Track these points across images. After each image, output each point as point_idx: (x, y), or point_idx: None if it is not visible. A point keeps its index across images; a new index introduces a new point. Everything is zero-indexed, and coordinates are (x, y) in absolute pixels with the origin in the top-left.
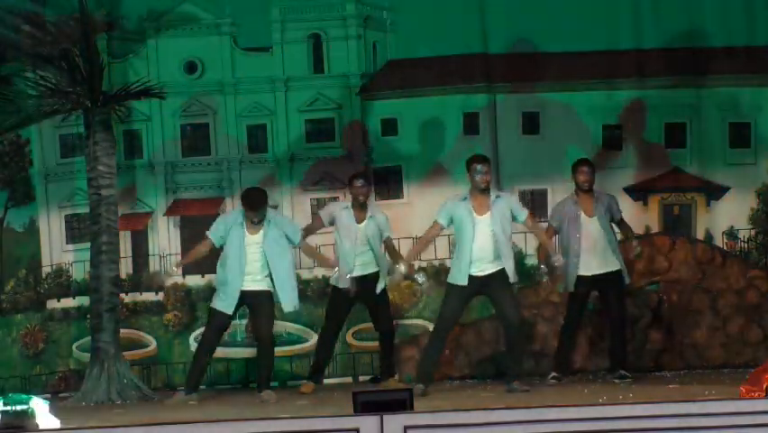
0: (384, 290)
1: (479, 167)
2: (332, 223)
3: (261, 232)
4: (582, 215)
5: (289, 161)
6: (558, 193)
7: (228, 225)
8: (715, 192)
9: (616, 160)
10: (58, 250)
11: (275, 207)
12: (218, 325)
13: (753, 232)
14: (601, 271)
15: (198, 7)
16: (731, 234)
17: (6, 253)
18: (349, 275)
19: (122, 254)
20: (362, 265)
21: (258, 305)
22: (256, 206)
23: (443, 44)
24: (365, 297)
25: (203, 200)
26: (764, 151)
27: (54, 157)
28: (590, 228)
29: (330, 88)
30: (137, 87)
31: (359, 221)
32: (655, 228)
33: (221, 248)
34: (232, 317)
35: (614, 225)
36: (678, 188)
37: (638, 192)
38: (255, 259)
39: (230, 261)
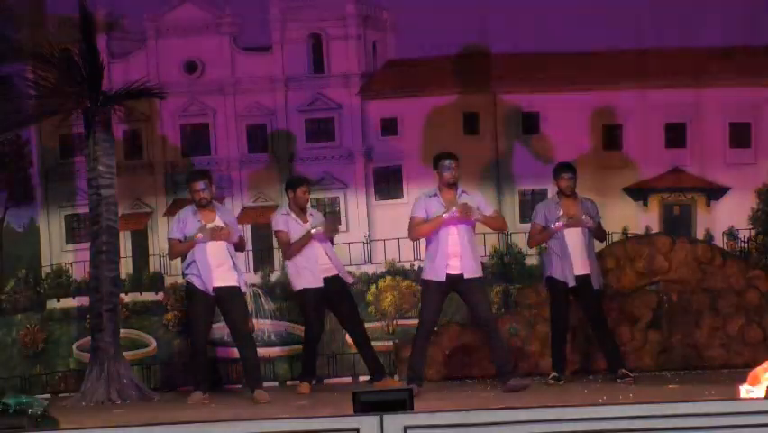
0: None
1: (447, 162)
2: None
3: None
4: (564, 217)
5: (289, 161)
6: None
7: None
8: (715, 192)
9: (616, 160)
10: (58, 250)
11: (275, 207)
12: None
13: (753, 232)
14: (580, 273)
15: (198, 7)
16: (731, 234)
17: (6, 253)
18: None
19: (122, 254)
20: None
21: (231, 303)
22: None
23: (443, 44)
24: (331, 300)
25: None
26: (764, 151)
27: (54, 157)
28: (572, 232)
29: (330, 88)
30: (137, 87)
31: (304, 221)
32: (655, 228)
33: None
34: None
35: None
36: (678, 188)
37: (638, 192)
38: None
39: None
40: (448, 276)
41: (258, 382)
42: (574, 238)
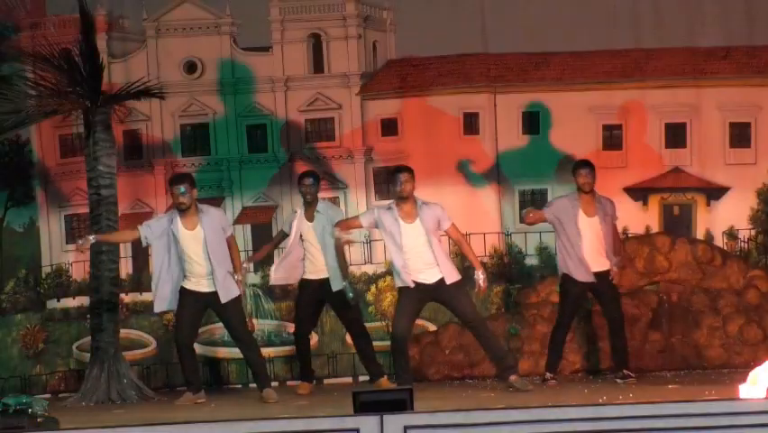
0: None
1: (400, 176)
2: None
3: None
4: (581, 214)
5: (289, 161)
6: (558, 193)
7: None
8: (715, 192)
9: (616, 160)
10: (58, 250)
11: (275, 207)
12: None
13: (753, 232)
14: (598, 270)
15: (198, 7)
16: (731, 234)
17: (6, 253)
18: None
19: (122, 254)
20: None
21: (226, 311)
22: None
23: (443, 44)
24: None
25: (203, 200)
26: (764, 151)
27: (54, 157)
28: (589, 229)
29: (330, 88)
30: (137, 87)
31: (309, 219)
32: (655, 228)
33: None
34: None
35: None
36: (678, 188)
37: (638, 192)
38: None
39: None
40: (418, 285)
41: (268, 381)
42: (590, 234)
